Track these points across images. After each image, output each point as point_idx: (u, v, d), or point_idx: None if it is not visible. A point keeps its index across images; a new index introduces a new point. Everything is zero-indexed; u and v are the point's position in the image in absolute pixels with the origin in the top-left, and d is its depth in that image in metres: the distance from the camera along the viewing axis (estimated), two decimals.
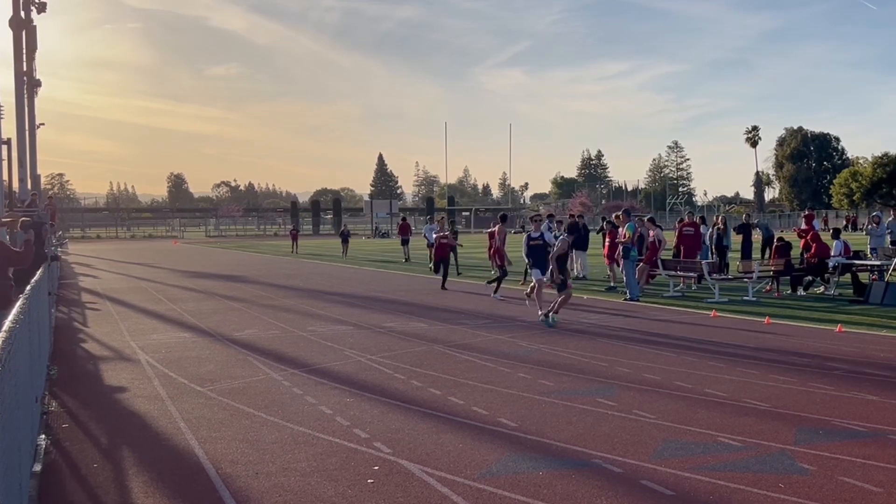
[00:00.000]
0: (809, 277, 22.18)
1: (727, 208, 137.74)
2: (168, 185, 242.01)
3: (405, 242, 43.08)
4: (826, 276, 21.96)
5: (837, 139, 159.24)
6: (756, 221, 33.28)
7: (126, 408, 9.82)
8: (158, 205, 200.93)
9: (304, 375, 11.47)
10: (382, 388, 10.52)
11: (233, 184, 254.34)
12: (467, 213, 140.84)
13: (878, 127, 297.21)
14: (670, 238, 25.56)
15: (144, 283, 29.96)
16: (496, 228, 23.30)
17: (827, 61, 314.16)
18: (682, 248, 24.27)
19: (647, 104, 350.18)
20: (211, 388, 10.75)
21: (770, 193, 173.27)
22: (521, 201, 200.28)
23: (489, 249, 23.80)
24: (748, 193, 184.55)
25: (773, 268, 22.32)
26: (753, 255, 26.43)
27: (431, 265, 33.23)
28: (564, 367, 11.86)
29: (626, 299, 20.93)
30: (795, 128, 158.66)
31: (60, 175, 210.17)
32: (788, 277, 22.17)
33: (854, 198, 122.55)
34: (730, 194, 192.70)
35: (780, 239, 23.51)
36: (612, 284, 24.15)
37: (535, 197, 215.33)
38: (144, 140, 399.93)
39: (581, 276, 27.46)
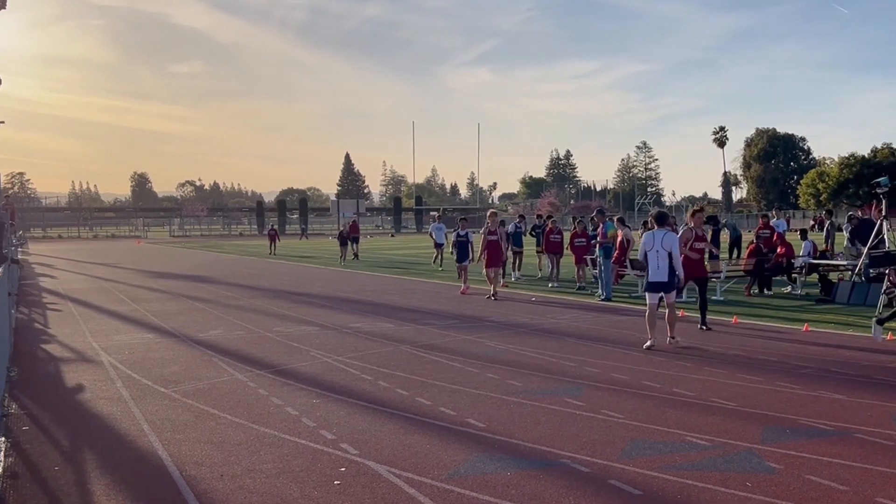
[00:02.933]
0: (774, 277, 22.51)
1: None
2: (132, 185, 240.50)
3: (355, 241, 43.43)
4: (793, 276, 22.21)
5: (804, 139, 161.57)
6: (724, 221, 33.58)
7: (88, 410, 9.71)
8: (122, 204, 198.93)
9: (270, 377, 11.40)
10: (349, 389, 10.49)
11: (197, 183, 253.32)
12: (436, 213, 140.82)
13: (845, 127, 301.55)
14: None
15: (107, 283, 29.70)
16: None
17: (794, 62, 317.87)
18: None
19: (615, 104, 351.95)
20: (175, 389, 10.66)
21: (738, 193, 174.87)
22: (490, 201, 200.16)
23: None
24: (716, 193, 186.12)
25: (742, 267, 22.56)
26: (721, 255, 26.63)
27: (437, 264, 33.51)
28: (533, 368, 11.89)
29: (600, 299, 21.01)
30: (765, 128, 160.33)
31: (21, 174, 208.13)
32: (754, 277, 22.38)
33: (821, 198, 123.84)
34: (698, 194, 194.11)
35: (757, 238, 23.90)
36: (581, 285, 24.27)
37: (504, 196, 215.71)
38: (107, 138, 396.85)
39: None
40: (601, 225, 22.42)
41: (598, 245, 22.50)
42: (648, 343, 13.53)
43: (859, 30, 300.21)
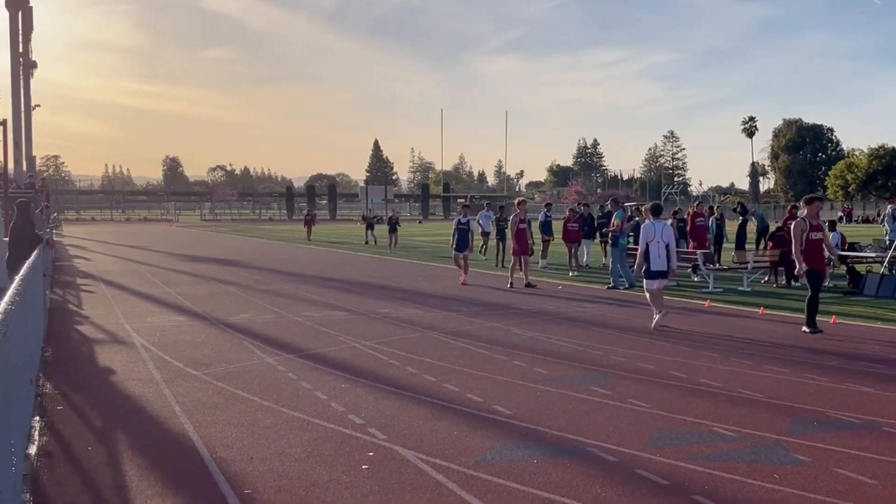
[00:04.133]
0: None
1: (722, 198, 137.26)
2: (163, 169, 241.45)
3: (394, 229, 41.03)
4: None
5: (832, 130, 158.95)
6: (752, 211, 33.17)
7: (120, 391, 9.79)
8: (154, 188, 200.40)
9: (299, 360, 11.44)
10: (377, 374, 10.50)
11: (228, 168, 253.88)
12: (462, 200, 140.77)
13: (874, 118, 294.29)
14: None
15: (140, 266, 29.91)
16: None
17: (823, 52, 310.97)
18: (694, 238, 24.24)
19: (642, 93, 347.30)
20: (206, 371, 10.72)
21: (765, 184, 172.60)
22: (517, 189, 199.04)
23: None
24: (743, 184, 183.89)
25: (769, 259, 22.20)
26: (748, 246, 26.40)
27: (483, 253, 32.74)
28: (559, 356, 11.84)
29: (608, 287, 20.95)
30: (792, 119, 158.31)
31: (56, 157, 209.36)
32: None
33: (849, 189, 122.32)
34: (724, 184, 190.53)
35: (779, 229, 23.15)
36: (574, 273, 24.20)
37: (531, 185, 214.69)
38: (138, 122, 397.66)
39: (584, 264, 27.50)
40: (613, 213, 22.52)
41: (608, 233, 22.54)
42: (657, 318, 14.49)
43: (890, 21, 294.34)
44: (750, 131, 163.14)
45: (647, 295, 14.95)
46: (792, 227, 14.28)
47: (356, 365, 11.11)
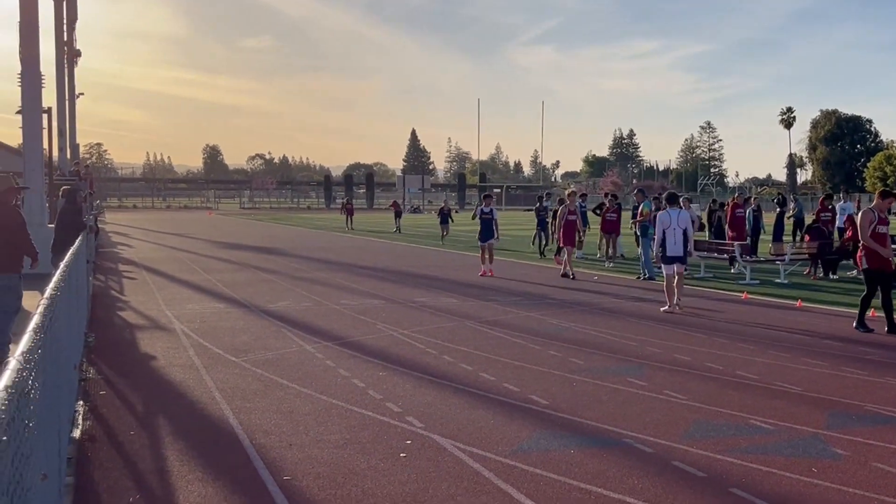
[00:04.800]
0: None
1: (759, 190, 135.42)
2: (203, 157, 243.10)
3: (446, 220, 38.35)
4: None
5: (871, 122, 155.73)
6: (796, 200, 32.57)
7: (162, 376, 9.88)
8: (194, 176, 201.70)
9: (337, 348, 11.48)
10: (415, 363, 10.51)
11: (267, 156, 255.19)
12: (498, 191, 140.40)
13: None
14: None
15: (180, 253, 30.17)
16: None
17: (859, 43, 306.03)
18: (734, 229, 23.97)
19: (677, 83, 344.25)
20: (245, 358, 10.79)
21: (802, 176, 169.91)
22: (553, 179, 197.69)
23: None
24: (779, 175, 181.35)
25: (806, 251, 21.78)
26: (785, 238, 26.12)
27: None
28: (595, 346, 11.79)
29: (642, 278, 20.80)
30: (830, 110, 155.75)
31: (99, 145, 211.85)
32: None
33: (888, 182, 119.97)
34: (761, 176, 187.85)
35: (815, 221, 22.83)
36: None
37: (567, 175, 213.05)
38: (178, 110, 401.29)
39: (620, 255, 27.27)
40: (640, 204, 22.43)
41: (636, 223, 22.41)
42: (666, 308, 15.18)
43: None
44: (788, 122, 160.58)
45: (665, 282, 15.35)
46: (859, 216, 13.66)
47: (394, 353, 11.13)
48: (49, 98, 33.73)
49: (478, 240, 22.74)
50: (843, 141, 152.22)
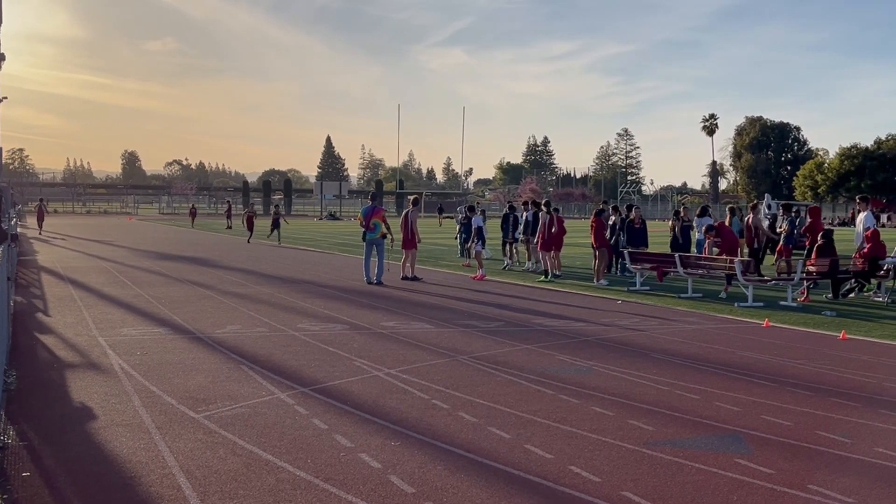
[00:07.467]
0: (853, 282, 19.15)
1: (681, 198, 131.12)
2: (122, 162, 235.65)
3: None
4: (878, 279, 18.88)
5: (798, 129, 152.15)
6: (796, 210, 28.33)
7: (103, 445, 7.05)
8: (113, 181, 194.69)
9: (320, 398, 8.77)
10: (430, 426, 7.74)
11: (184, 162, 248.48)
12: (416, 196, 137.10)
13: (842, 115, 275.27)
14: (659, 228, 23.08)
15: (105, 262, 26.88)
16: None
17: (787, 43, 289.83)
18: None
19: (593, 87, 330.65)
20: (207, 413, 8.06)
21: (723, 184, 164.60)
22: (465, 186, 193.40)
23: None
24: (695, 183, 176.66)
25: (814, 269, 18.59)
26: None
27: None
28: (646, 401, 8.83)
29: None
30: (755, 116, 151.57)
31: (21, 150, 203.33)
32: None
33: (819, 190, 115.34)
34: (677, 184, 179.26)
35: (825, 236, 19.25)
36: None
37: (479, 182, 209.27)
38: (92, 114, 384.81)
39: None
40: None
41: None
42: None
43: (859, 9, 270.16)
44: (710, 129, 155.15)
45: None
46: None
47: (394, 408, 8.42)
48: None
49: (476, 248, 23.58)
50: (769, 148, 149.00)
